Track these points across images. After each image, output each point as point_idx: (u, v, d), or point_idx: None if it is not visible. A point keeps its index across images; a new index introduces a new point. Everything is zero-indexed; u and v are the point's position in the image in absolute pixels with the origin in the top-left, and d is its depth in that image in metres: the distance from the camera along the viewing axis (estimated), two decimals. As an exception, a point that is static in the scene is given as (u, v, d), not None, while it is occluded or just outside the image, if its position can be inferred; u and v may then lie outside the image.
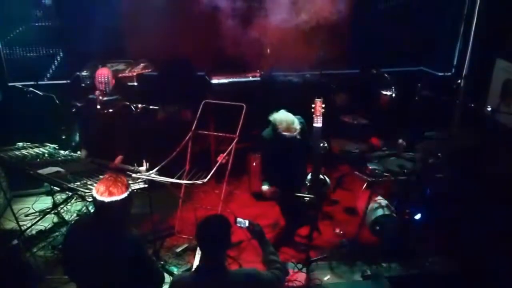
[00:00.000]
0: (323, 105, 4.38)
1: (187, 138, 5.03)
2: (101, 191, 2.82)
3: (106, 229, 2.86)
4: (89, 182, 4.09)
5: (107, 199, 2.80)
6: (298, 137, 4.31)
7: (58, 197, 5.39)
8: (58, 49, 5.61)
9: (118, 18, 5.79)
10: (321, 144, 4.56)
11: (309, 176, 4.58)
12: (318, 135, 4.41)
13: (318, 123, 4.36)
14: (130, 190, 2.93)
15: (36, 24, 5.45)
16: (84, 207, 5.21)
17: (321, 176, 4.59)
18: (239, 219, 3.05)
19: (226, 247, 2.75)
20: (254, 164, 5.63)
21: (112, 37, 5.81)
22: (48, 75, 5.62)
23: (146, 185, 4.28)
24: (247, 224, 3.04)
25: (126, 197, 2.86)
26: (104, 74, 4.76)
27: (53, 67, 5.67)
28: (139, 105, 4.75)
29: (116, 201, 2.81)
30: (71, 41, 5.73)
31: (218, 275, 2.66)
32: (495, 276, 4.36)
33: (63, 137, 5.24)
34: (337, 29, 6.22)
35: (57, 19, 5.53)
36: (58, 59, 5.64)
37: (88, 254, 2.85)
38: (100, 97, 4.68)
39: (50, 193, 5.34)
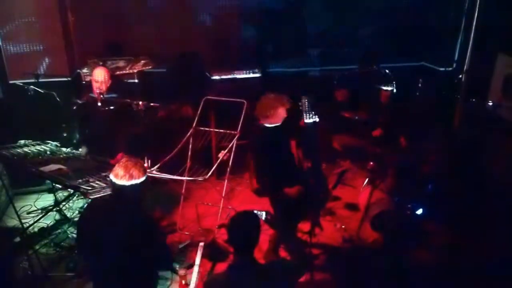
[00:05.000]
0: (311, 101, 4.38)
1: (188, 134, 5.04)
2: (121, 175, 2.86)
3: (122, 208, 2.91)
4: (91, 180, 4.09)
5: (128, 182, 2.84)
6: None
7: (60, 194, 5.41)
8: (59, 46, 5.59)
9: (119, 15, 5.79)
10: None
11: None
12: (310, 130, 4.42)
13: (308, 118, 4.39)
14: (147, 173, 2.98)
15: (37, 20, 5.43)
16: (86, 204, 5.22)
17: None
18: (255, 212, 3.07)
19: (257, 242, 2.77)
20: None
21: (113, 34, 5.81)
22: (49, 72, 5.61)
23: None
24: (264, 216, 3.06)
25: (145, 180, 2.93)
26: (100, 73, 4.75)
27: (54, 64, 5.66)
28: (140, 102, 4.76)
29: (136, 184, 2.86)
30: (72, 38, 5.74)
31: (251, 271, 2.70)
32: (495, 269, 4.37)
33: (65, 134, 5.24)
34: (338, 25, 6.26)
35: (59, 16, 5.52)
36: (59, 56, 5.63)
37: (102, 230, 2.90)
38: (101, 95, 4.68)
39: (52, 190, 5.36)
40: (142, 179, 2.91)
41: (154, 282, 3.20)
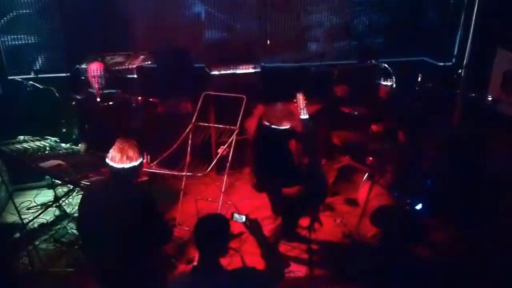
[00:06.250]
0: (304, 97, 4.39)
1: (187, 130, 5.04)
2: (118, 158, 2.91)
3: (121, 186, 2.97)
4: (90, 175, 4.10)
5: (127, 165, 2.90)
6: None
7: (60, 190, 5.41)
8: (58, 41, 5.58)
9: (117, 10, 5.76)
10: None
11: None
12: (307, 125, 4.42)
13: (305, 115, 4.39)
14: (142, 153, 3.07)
15: (35, 14, 5.42)
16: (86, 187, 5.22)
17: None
18: (235, 215, 3.02)
19: (223, 247, 2.73)
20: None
21: (112, 29, 5.78)
22: (47, 68, 5.60)
23: (147, 178, 4.29)
24: (243, 219, 3.00)
25: (142, 161, 3.02)
26: (96, 68, 4.73)
27: (53, 60, 5.65)
28: (139, 98, 4.75)
29: (134, 166, 2.93)
30: (71, 33, 5.72)
31: (215, 276, 2.63)
32: (495, 267, 4.38)
33: (64, 130, 5.24)
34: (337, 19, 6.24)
35: (57, 11, 5.50)
36: (58, 51, 5.62)
37: (102, 207, 2.94)
38: (100, 90, 4.67)
39: (52, 186, 5.36)
40: (140, 160, 2.97)
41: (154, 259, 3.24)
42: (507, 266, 4.28)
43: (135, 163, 2.93)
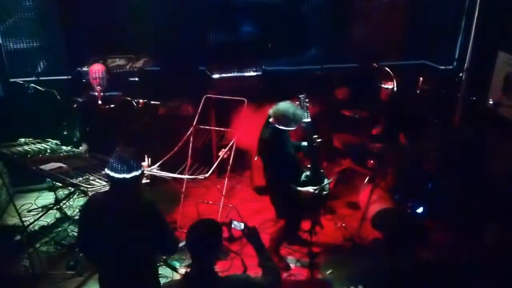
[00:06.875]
0: (307, 100, 4.37)
1: (188, 133, 5.04)
2: (120, 168, 2.83)
3: (123, 197, 2.89)
4: (91, 178, 4.10)
5: (128, 175, 2.82)
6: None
7: (61, 192, 5.42)
8: (59, 44, 5.60)
9: (119, 13, 5.77)
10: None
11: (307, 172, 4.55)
12: (309, 128, 4.41)
13: (306, 118, 4.38)
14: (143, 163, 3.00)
15: (37, 17, 5.45)
16: (87, 199, 5.22)
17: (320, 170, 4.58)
18: (234, 222, 3.00)
19: (216, 253, 2.67)
20: (255, 159, 5.63)
21: (113, 32, 5.79)
22: (49, 70, 5.62)
23: (148, 180, 4.29)
24: (242, 227, 2.97)
25: (143, 170, 2.95)
26: (97, 70, 4.73)
27: (54, 62, 5.67)
28: (140, 100, 4.75)
29: (136, 175, 2.85)
30: (73, 35, 5.73)
31: (208, 282, 2.60)
32: (494, 268, 4.37)
33: (65, 132, 5.25)
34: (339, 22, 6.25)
35: (59, 14, 5.52)
36: (59, 54, 5.63)
37: (104, 220, 2.86)
38: (102, 93, 4.67)
39: (53, 188, 5.37)
40: (141, 169, 2.90)
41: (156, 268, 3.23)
42: (507, 267, 4.28)
43: (137, 173, 2.87)
